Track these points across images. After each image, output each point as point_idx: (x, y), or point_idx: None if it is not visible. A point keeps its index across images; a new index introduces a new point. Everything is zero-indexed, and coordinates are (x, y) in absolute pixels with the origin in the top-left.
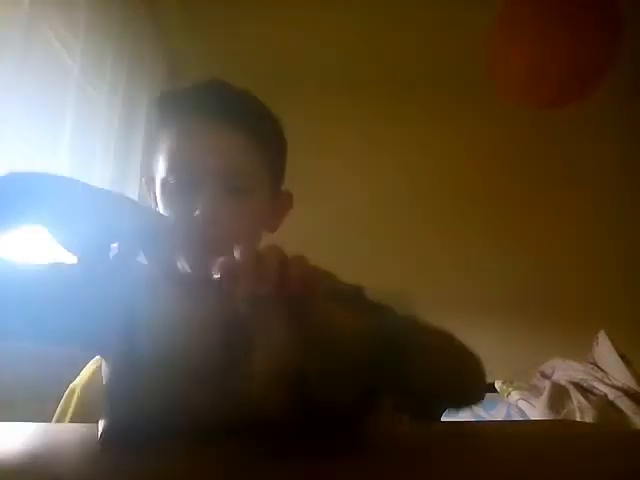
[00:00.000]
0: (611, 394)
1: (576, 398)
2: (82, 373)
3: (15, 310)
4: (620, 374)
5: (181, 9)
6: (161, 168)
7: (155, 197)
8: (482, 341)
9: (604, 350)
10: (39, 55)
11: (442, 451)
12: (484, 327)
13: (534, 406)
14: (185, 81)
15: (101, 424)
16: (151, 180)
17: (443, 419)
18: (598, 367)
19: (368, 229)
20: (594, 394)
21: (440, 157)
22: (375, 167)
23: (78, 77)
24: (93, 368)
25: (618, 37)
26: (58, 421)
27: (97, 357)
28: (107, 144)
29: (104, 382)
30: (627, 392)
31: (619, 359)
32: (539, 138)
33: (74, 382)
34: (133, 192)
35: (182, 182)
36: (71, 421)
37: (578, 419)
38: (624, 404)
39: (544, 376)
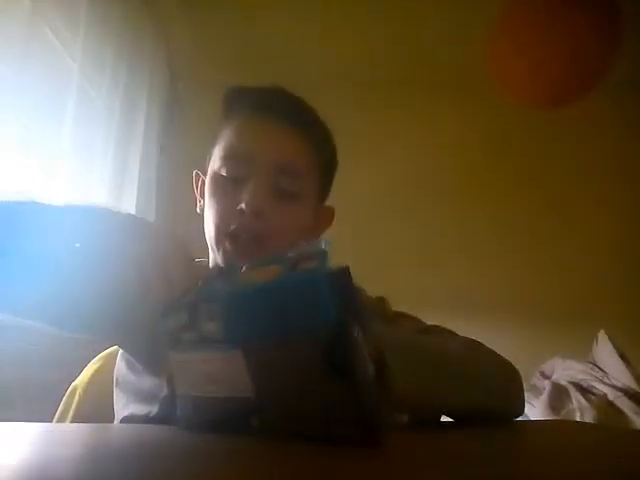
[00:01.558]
0: (611, 394)
1: (576, 398)
2: (83, 372)
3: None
4: (620, 374)
5: (181, 9)
6: (215, 159)
7: (202, 191)
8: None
9: (604, 350)
10: (39, 55)
11: (442, 451)
12: (484, 327)
13: (534, 406)
14: (185, 81)
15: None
16: (202, 174)
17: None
18: (598, 367)
19: (368, 227)
20: (594, 394)
21: (445, 155)
22: (381, 164)
23: (78, 77)
24: (94, 368)
25: (618, 37)
26: (59, 421)
27: (98, 357)
28: (106, 144)
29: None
30: (627, 392)
31: (619, 359)
32: (540, 137)
33: (75, 381)
34: (132, 192)
35: (233, 175)
36: (72, 421)
37: (578, 419)
38: (624, 404)
39: (544, 376)
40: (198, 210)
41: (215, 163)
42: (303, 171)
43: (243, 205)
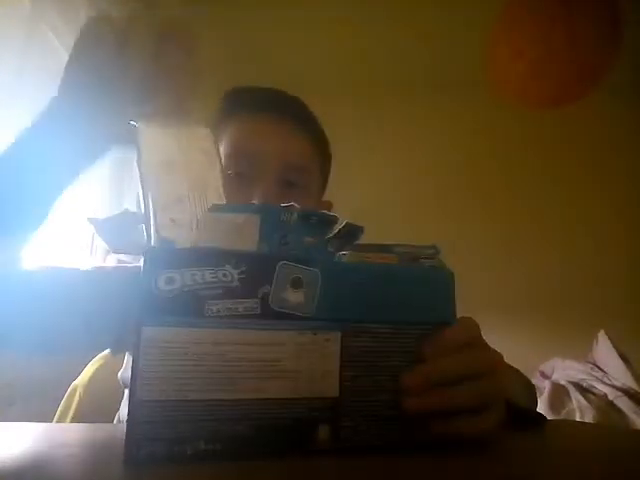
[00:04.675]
0: (611, 394)
1: (576, 398)
2: (84, 372)
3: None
4: (620, 374)
5: (181, 9)
6: None
7: None
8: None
9: (604, 350)
10: (39, 55)
11: (442, 450)
12: (484, 327)
13: None
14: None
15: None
16: None
17: None
18: (598, 367)
19: (368, 226)
20: (594, 394)
21: (448, 157)
22: (380, 166)
23: None
24: (95, 367)
25: (618, 37)
26: (59, 421)
27: (99, 356)
28: None
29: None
30: (627, 392)
31: (619, 359)
32: (541, 138)
33: (75, 381)
34: (130, 191)
35: (240, 173)
36: (73, 421)
37: (578, 419)
38: (624, 404)
39: (544, 376)
40: None
41: None
42: (308, 167)
43: (256, 202)
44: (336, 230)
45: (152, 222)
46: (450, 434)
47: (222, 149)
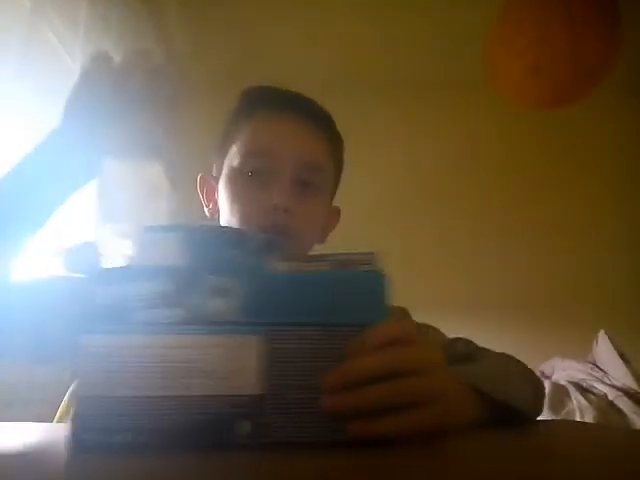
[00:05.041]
0: (611, 394)
1: (576, 398)
2: None
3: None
4: (620, 374)
5: (181, 9)
6: (234, 157)
7: (209, 195)
8: (482, 341)
9: (604, 350)
10: (39, 55)
11: (441, 450)
12: (484, 327)
13: None
14: (185, 82)
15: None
16: (210, 178)
17: None
18: (598, 367)
19: (367, 227)
20: (594, 394)
21: (443, 157)
22: (381, 167)
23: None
24: None
25: (618, 37)
26: (60, 421)
27: None
28: None
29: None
30: (627, 392)
31: (619, 359)
32: (540, 138)
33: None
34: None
35: (258, 171)
36: None
37: (578, 419)
38: (624, 404)
39: (544, 376)
40: (208, 214)
41: (234, 160)
42: (324, 167)
43: (277, 201)
44: (257, 242)
45: None
46: (373, 433)
47: (238, 147)
